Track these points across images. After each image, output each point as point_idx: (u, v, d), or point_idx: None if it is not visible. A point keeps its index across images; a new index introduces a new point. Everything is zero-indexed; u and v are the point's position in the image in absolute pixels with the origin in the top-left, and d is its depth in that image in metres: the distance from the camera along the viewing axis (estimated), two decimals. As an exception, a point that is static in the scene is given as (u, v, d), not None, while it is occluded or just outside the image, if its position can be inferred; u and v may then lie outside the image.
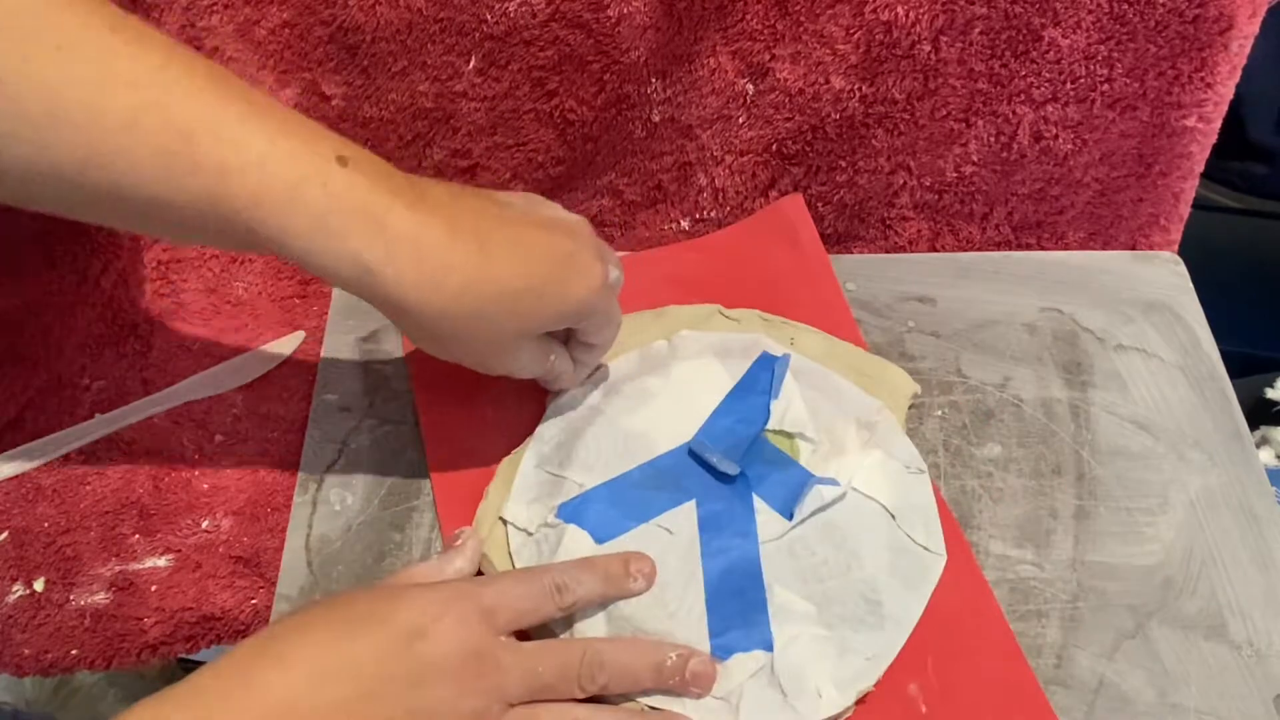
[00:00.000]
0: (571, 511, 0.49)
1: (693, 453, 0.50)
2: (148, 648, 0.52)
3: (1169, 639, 0.48)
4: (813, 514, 0.48)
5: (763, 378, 0.53)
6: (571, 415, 0.53)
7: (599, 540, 0.48)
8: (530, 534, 0.49)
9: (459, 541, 0.47)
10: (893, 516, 0.49)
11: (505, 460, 0.53)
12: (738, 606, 0.46)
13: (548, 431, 0.53)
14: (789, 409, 0.52)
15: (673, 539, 0.48)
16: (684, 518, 0.48)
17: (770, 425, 0.51)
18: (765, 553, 0.48)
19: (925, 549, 0.49)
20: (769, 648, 0.45)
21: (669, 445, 0.51)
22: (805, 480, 0.49)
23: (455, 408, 0.55)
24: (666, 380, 0.54)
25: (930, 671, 0.47)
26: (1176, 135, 0.60)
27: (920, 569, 0.48)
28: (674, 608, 0.46)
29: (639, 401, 0.53)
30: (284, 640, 0.38)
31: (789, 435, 0.51)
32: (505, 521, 0.50)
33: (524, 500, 0.50)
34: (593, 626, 0.46)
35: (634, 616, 0.46)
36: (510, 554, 0.49)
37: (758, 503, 0.49)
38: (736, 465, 0.49)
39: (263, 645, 0.38)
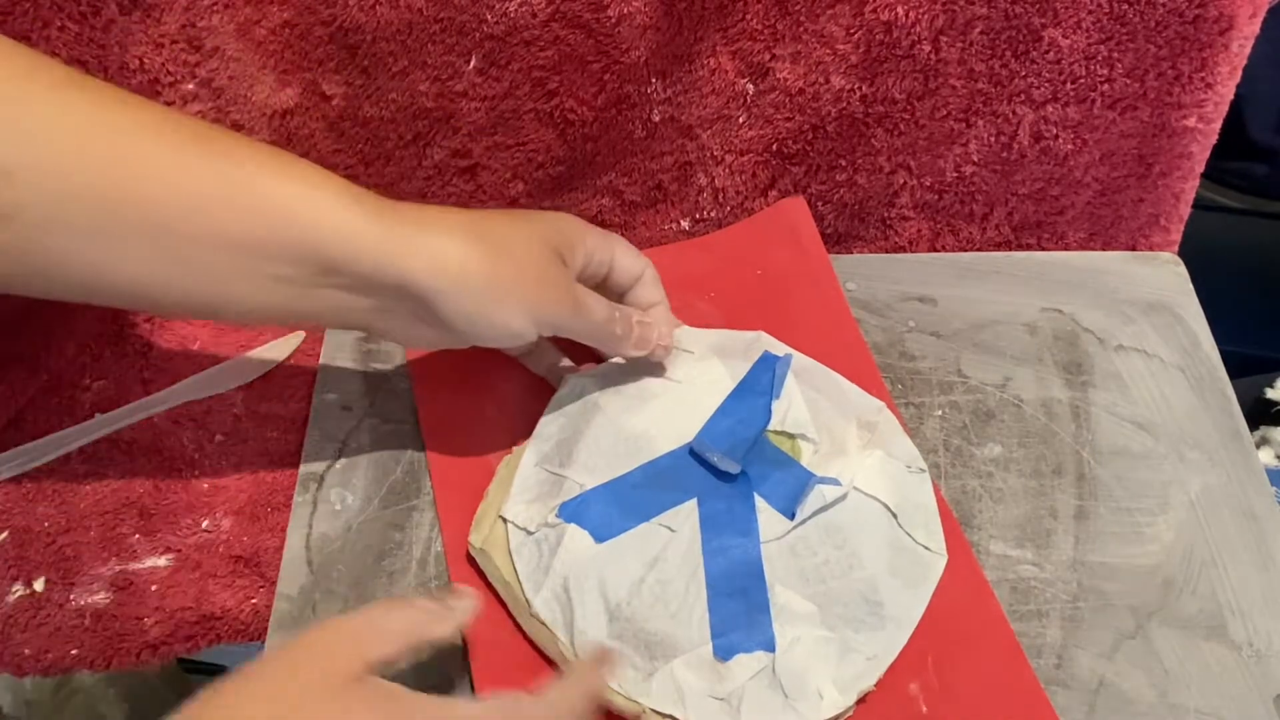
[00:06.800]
0: (572, 511, 0.49)
1: (693, 452, 0.50)
2: (148, 647, 0.52)
3: (1169, 639, 0.48)
4: (814, 514, 0.48)
5: (764, 378, 0.53)
6: (572, 412, 0.53)
7: (599, 539, 0.48)
8: (530, 533, 0.49)
9: None
10: (894, 516, 0.49)
11: (505, 459, 0.53)
12: (740, 606, 0.46)
13: (548, 429, 0.53)
14: (790, 409, 0.52)
15: (674, 537, 0.48)
16: (685, 516, 0.48)
17: (771, 426, 0.51)
18: (767, 553, 0.47)
19: (926, 549, 0.49)
20: (771, 648, 0.45)
21: (670, 445, 0.51)
22: (807, 480, 0.49)
23: (455, 407, 0.55)
24: (668, 380, 0.53)
25: (931, 671, 0.47)
26: (1177, 135, 0.60)
27: (921, 569, 0.48)
28: (675, 607, 0.46)
29: (640, 400, 0.53)
30: None
31: (790, 436, 0.51)
32: (505, 520, 0.50)
33: (524, 499, 0.50)
34: (595, 628, 0.46)
35: (636, 617, 0.46)
36: (510, 553, 0.49)
37: (759, 502, 0.49)
38: (738, 464, 0.49)
39: None
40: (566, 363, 0.56)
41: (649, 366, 0.54)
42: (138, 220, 0.39)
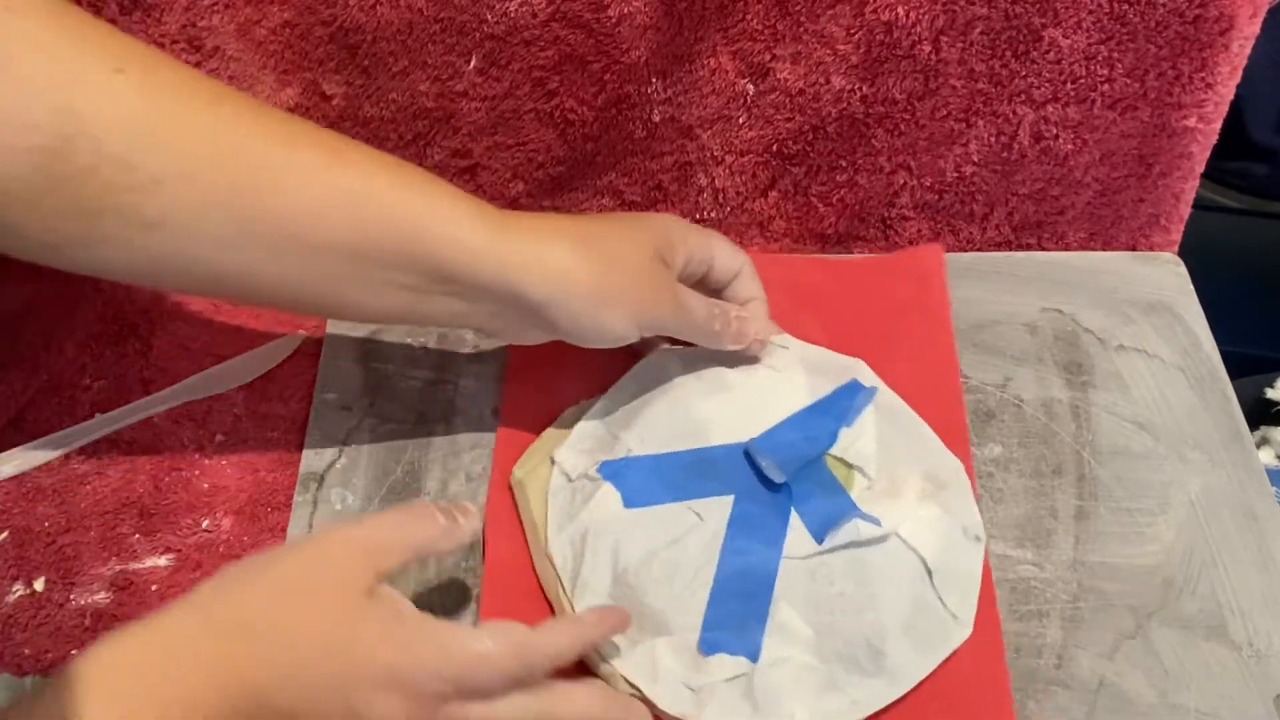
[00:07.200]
0: (612, 471, 0.50)
1: (747, 453, 0.50)
2: (148, 647, 0.52)
3: (1169, 639, 0.48)
4: (844, 546, 0.47)
5: (842, 403, 0.52)
6: (648, 382, 0.53)
7: (628, 504, 0.49)
8: (570, 480, 0.50)
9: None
10: (929, 573, 0.47)
11: (571, 409, 0.55)
12: (738, 609, 0.46)
13: (621, 390, 0.54)
14: (857, 440, 0.51)
15: (700, 525, 0.48)
16: (717, 509, 0.49)
17: (833, 450, 0.51)
18: (785, 568, 0.47)
19: (952, 615, 0.47)
20: (754, 659, 0.45)
21: (727, 439, 0.51)
22: (847, 510, 0.48)
23: (543, 353, 0.55)
24: (748, 377, 0.53)
25: None
26: (1177, 135, 0.60)
27: (939, 633, 0.47)
28: (678, 589, 0.46)
29: (715, 389, 0.53)
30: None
31: (848, 465, 0.50)
32: (554, 462, 0.51)
33: (578, 448, 0.52)
34: (597, 584, 0.47)
35: (637, 586, 0.46)
36: (547, 493, 0.51)
37: (794, 519, 0.48)
38: (784, 475, 0.49)
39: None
40: (666, 346, 0.56)
41: (734, 359, 0.54)
42: (270, 229, 0.42)
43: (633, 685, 0.45)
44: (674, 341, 0.56)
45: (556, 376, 0.56)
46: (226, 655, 0.38)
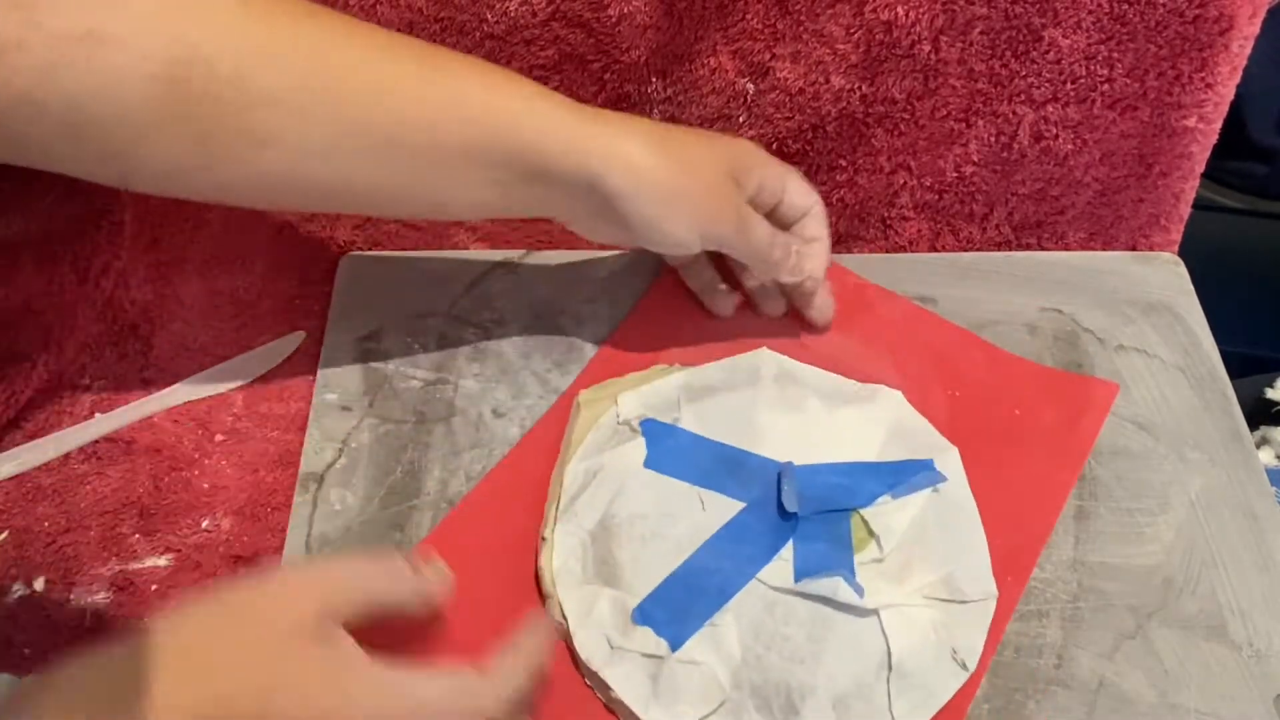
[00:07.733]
0: (652, 430, 0.52)
1: (779, 473, 0.50)
2: (148, 647, 0.52)
3: (1169, 639, 0.48)
4: (816, 598, 0.46)
5: (902, 474, 0.51)
6: (738, 372, 0.55)
7: (647, 464, 0.51)
8: (620, 423, 0.52)
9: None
10: (890, 668, 0.45)
11: (661, 366, 0.56)
12: (685, 599, 0.47)
13: (712, 372, 0.55)
14: (893, 513, 0.49)
15: (699, 512, 0.49)
16: (723, 507, 0.49)
17: (864, 511, 0.49)
18: (751, 588, 0.47)
19: (890, 715, 0.45)
20: (673, 648, 0.45)
21: (772, 454, 0.51)
22: (839, 567, 0.47)
23: (668, 316, 0.58)
24: (828, 411, 0.53)
25: None
26: (1177, 135, 0.60)
27: None
28: (647, 556, 0.48)
29: (791, 406, 0.53)
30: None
31: (870, 532, 0.49)
32: (616, 401, 0.53)
33: (642, 399, 0.53)
34: (584, 518, 0.49)
35: (613, 536, 0.48)
36: (596, 424, 0.53)
37: (787, 551, 0.48)
38: (798, 507, 0.48)
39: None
40: (723, 286, 0.58)
41: (829, 387, 0.54)
42: (375, 138, 0.44)
43: (564, 617, 0.47)
44: (780, 339, 0.57)
45: (668, 339, 0.58)
46: (185, 683, 0.37)
